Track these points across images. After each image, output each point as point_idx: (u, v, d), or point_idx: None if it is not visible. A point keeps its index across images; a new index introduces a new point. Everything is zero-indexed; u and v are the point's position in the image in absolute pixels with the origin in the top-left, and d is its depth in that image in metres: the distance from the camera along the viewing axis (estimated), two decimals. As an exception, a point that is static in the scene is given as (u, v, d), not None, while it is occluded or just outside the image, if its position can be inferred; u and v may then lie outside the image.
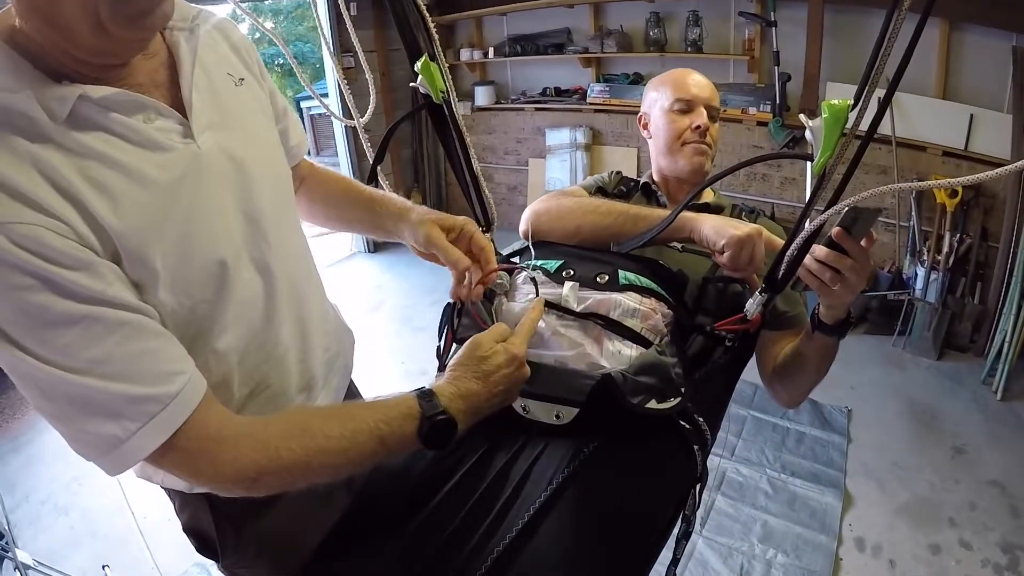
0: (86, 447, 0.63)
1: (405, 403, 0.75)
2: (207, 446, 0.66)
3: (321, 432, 0.71)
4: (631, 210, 1.11)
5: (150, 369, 0.63)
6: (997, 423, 2.73)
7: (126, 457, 0.63)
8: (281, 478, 0.69)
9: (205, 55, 0.77)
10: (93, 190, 0.62)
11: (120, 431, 0.62)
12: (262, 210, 0.80)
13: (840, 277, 0.83)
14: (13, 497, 2.43)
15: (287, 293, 0.85)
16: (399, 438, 0.73)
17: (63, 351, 0.59)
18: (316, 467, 0.70)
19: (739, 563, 2.06)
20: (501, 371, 0.79)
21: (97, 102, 0.63)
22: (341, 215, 1.08)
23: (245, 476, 0.67)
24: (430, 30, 1.00)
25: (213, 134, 0.74)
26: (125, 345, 0.62)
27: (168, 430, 0.64)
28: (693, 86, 1.30)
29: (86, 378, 0.60)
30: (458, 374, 0.79)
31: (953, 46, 3.16)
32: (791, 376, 1.06)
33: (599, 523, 0.78)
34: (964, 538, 2.14)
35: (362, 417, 0.73)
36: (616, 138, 4.53)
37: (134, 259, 0.65)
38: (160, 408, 0.63)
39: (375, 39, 4.75)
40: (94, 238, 0.62)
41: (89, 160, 0.62)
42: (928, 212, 3.30)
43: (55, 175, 0.60)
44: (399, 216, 0.99)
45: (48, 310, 0.58)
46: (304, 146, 1.04)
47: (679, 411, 0.83)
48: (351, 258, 5.07)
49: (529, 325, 0.86)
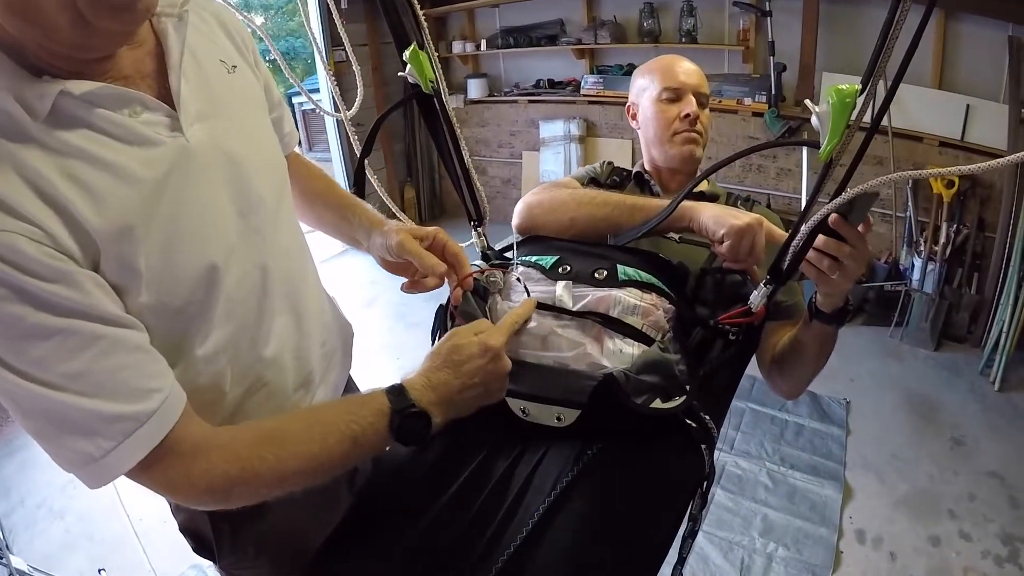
0: (64, 461, 0.62)
1: (375, 400, 0.73)
2: (182, 461, 0.65)
3: (291, 438, 0.69)
4: (627, 200, 1.08)
5: (127, 385, 0.61)
6: (995, 414, 2.72)
7: (103, 474, 0.62)
8: (255, 488, 0.68)
9: (196, 42, 0.74)
10: (75, 190, 0.59)
11: (95, 449, 0.60)
12: (255, 204, 0.77)
13: (838, 265, 0.82)
14: (8, 502, 2.40)
15: (282, 289, 0.83)
16: (372, 436, 0.71)
17: (38, 364, 0.57)
18: (290, 474, 0.69)
19: (740, 557, 2.05)
20: (474, 361, 0.76)
21: (79, 98, 0.60)
22: (315, 214, 1.06)
23: (216, 489, 0.66)
24: (418, 16, 0.97)
25: (203, 126, 0.71)
26: (102, 360, 0.60)
27: (145, 448, 0.62)
28: (681, 73, 1.28)
29: (61, 394, 0.58)
30: (429, 365, 0.77)
31: (949, 36, 3.15)
32: (790, 366, 1.04)
33: (605, 528, 0.75)
34: (964, 529, 2.13)
35: (332, 419, 0.71)
36: (610, 130, 4.50)
37: (116, 260, 0.62)
38: (137, 426, 0.61)
39: (367, 33, 4.70)
40: (74, 243, 0.59)
41: (72, 159, 0.60)
42: (925, 203, 3.29)
43: (35, 177, 0.57)
44: (370, 226, 0.97)
45: (22, 321, 0.56)
46: (295, 136, 1.02)
47: (684, 409, 0.80)
48: (344, 254, 5.03)
49: (511, 320, 0.84)
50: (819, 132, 0.80)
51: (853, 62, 3.37)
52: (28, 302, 0.56)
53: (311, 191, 1.05)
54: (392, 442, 0.73)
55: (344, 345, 1.04)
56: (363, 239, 0.98)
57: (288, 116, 0.99)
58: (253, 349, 0.80)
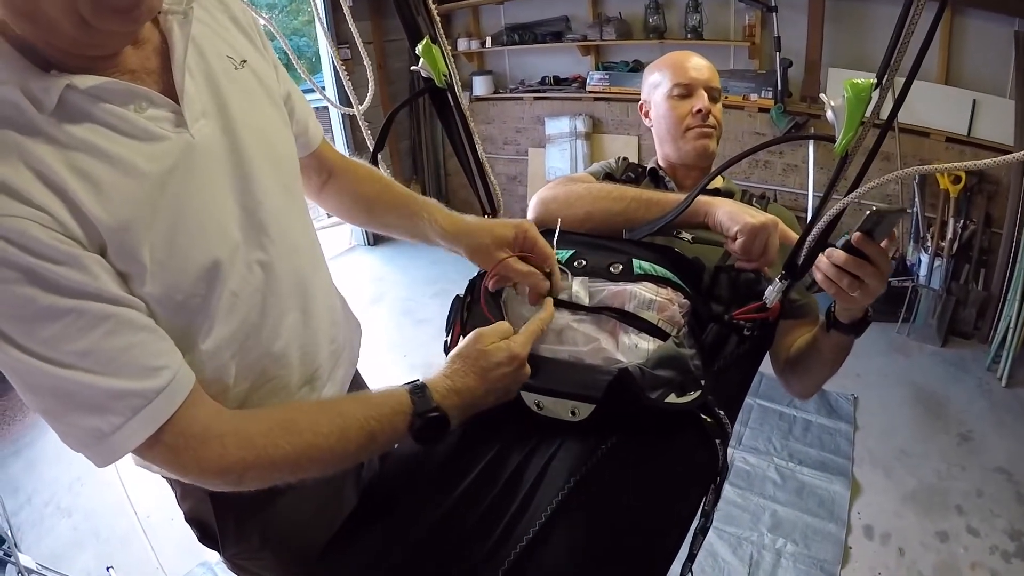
0: (73, 439, 0.63)
1: (396, 398, 0.74)
2: (192, 443, 0.66)
3: (310, 429, 0.70)
4: (644, 195, 1.08)
5: (135, 363, 0.62)
6: (1002, 410, 2.72)
7: (112, 450, 0.63)
8: (268, 474, 0.69)
9: (201, 38, 0.74)
10: (80, 182, 0.60)
11: (104, 425, 0.61)
12: (262, 201, 0.77)
13: (859, 283, 0.80)
14: (16, 500, 2.41)
15: (290, 286, 0.83)
16: (389, 434, 0.73)
17: (48, 344, 0.58)
18: (304, 463, 0.70)
19: (748, 553, 2.05)
20: (501, 369, 0.78)
21: (85, 92, 0.61)
22: (377, 220, 1.05)
23: (230, 473, 0.67)
24: (431, 11, 0.98)
25: (209, 122, 0.72)
26: (110, 339, 0.61)
27: (153, 425, 0.63)
28: (692, 69, 1.28)
29: (70, 371, 0.59)
30: (456, 368, 0.78)
31: (955, 31, 3.13)
32: (805, 369, 1.04)
33: (618, 524, 0.75)
34: (972, 525, 2.13)
35: (352, 413, 0.72)
36: (616, 126, 4.49)
37: (121, 252, 0.63)
38: (145, 403, 0.62)
39: (372, 30, 4.70)
40: (80, 230, 0.60)
41: (77, 152, 0.61)
42: (931, 199, 3.27)
43: (41, 166, 0.58)
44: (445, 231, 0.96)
45: (33, 303, 0.57)
46: (319, 132, 0.99)
47: (699, 404, 0.80)
48: (351, 251, 5.04)
49: (536, 326, 0.84)
50: (834, 126, 0.80)
51: (859, 57, 3.35)
52: (38, 284, 0.57)
53: (365, 197, 1.04)
54: (409, 441, 0.74)
55: (352, 343, 1.04)
56: (441, 242, 0.97)
57: (303, 107, 0.95)
58: (259, 345, 0.79)
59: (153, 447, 0.64)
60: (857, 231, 0.78)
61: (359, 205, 1.04)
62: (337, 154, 1.03)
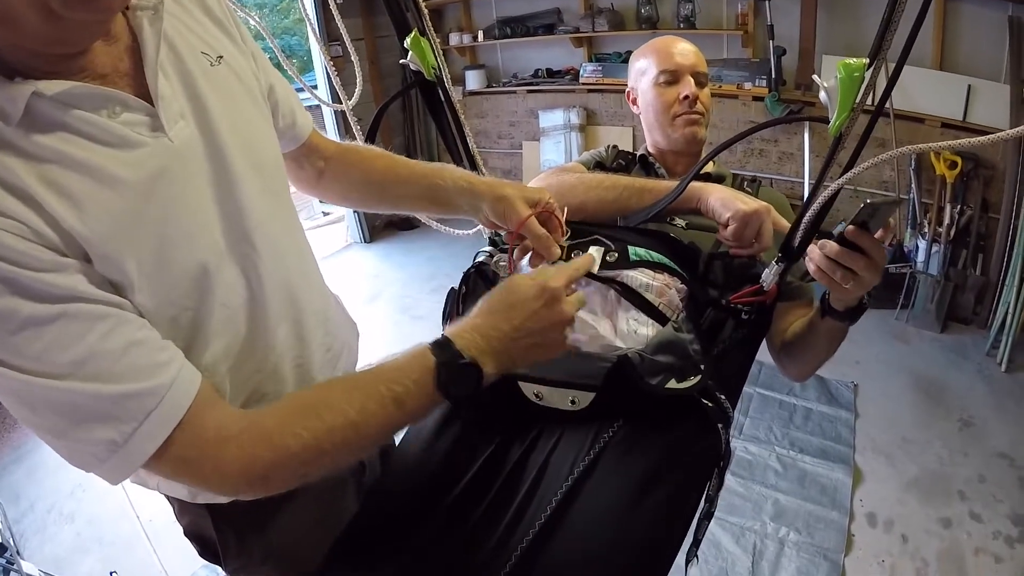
0: (82, 457, 0.58)
1: (417, 357, 0.68)
2: (209, 448, 0.61)
3: (327, 408, 0.65)
4: (636, 183, 1.08)
5: (139, 362, 0.58)
6: (1003, 395, 2.72)
7: (127, 462, 0.58)
8: (293, 470, 0.64)
9: (175, 35, 0.69)
10: (55, 196, 0.55)
11: (116, 434, 0.56)
12: (244, 206, 0.72)
13: (852, 275, 0.79)
14: (18, 507, 2.40)
15: (279, 295, 0.78)
16: (418, 396, 0.66)
17: (39, 357, 0.54)
18: (330, 449, 0.64)
19: (752, 542, 2.05)
20: (529, 304, 0.70)
21: (53, 98, 0.56)
22: (388, 193, 0.99)
23: (253, 474, 0.62)
24: (419, 3, 0.96)
25: (187, 124, 0.67)
26: (108, 340, 0.56)
27: (168, 425, 0.58)
28: (677, 55, 1.26)
29: (68, 382, 0.54)
30: (480, 309, 0.72)
31: (949, 16, 3.12)
32: (800, 353, 1.04)
33: (623, 512, 0.74)
34: (974, 511, 2.13)
35: (370, 383, 0.67)
36: (611, 117, 4.48)
37: (106, 264, 0.59)
38: (156, 401, 0.58)
39: (363, 27, 4.69)
40: (58, 240, 0.55)
41: (49, 164, 0.56)
42: (928, 184, 3.27)
43: (12, 179, 0.54)
44: (471, 188, 0.91)
45: (15, 314, 0.52)
46: (308, 122, 0.95)
47: (700, 389, 0.79)
48: (346, 249, 5.02)
49: (576, 266, 0.79)
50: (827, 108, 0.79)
51: (853, 45, 3.34)
52: (19, 294, 0.52)
53: (376, 173, 0.99)
54: (440, 399, 0.68)
55: (349, 346, 0.99)
56: (462, 201, 0.93)
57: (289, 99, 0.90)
58: (252, 359, 0.76)
59: (171, 460, 0.60)
60: (851, 223, 0.77)
61: (370, 184, 0.99)
62: (331, 141, 0.99)
